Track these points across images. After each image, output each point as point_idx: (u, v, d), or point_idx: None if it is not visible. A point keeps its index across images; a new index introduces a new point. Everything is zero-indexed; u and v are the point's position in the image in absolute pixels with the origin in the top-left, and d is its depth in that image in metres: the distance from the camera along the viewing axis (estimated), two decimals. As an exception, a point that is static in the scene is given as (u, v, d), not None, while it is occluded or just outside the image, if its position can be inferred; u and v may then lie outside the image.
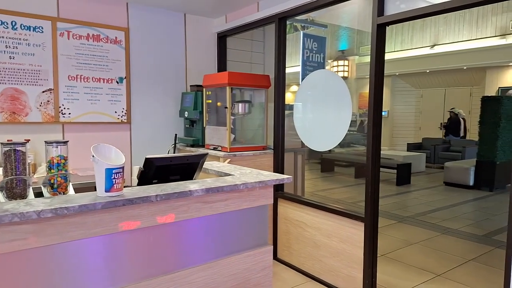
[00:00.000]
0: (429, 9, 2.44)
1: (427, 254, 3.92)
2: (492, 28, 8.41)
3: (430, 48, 9.77)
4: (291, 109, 3.51)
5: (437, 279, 3.33)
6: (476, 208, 6.00)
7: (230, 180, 2.07)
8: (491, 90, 9.85)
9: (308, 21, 4.49)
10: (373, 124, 2.75)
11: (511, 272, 2.09)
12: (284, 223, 3.53)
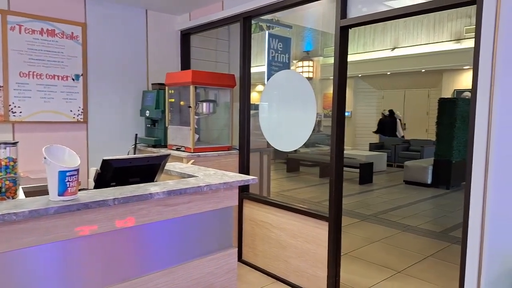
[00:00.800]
0: (389, 13, 2.50)
1: (388, 252, 4.03)
2: (448, 33, 8.82)
3: (390, 51, 10.10)
4: (256, 109, 3.49)
5: (397, 276, 3.42)
6: (434, 206, 6.26)
7: (193, 182, 2.01)
8: (447, 92, 10.34)
9: (274, 21, 4.49)
10: (336, 124, 2.78)
11: (465, 267, 2.16)
12: (250, 224, 3.49)
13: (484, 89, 2.06)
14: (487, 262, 2.09)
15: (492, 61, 2.04)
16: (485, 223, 2.08)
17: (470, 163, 2.11)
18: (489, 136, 2.05)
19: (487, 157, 2.06)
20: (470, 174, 2.12)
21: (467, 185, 2.14)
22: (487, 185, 2.06)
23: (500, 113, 2.02)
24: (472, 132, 2.11)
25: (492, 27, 2.04)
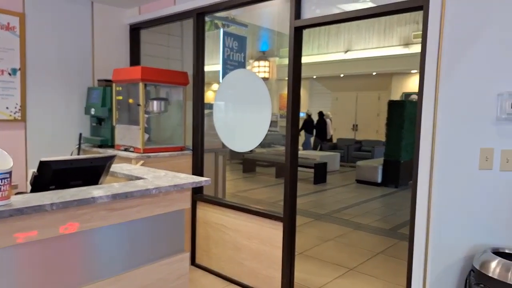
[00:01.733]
0: (341, 15, 2.54)
1: (341, 250, 4.12)
2: (397, 38, 9.25)
3: (344, 53, 10.40)
4: (212, 108, 3.41)
5: (350, 273, 3.50)
6: (384, 204, 6.51)
7: (141, 185, 1.91)
8: (396, 95, 10.85)
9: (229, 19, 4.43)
10: (291, 125, 2.78)
11: (413, 262, 2.24)
12: (203, 227, 3.41)
13: (430, 92, 2.15)
14: (432, 257, 2.17)
15: (437, 65, 2.13)
16: (431, 220, 2.16)
17: (417, 162, 2.19)
18: (433, 137, 2.14)
19: (432, 157, 2.14)
20: (417, 173, 2.20)
21: (414, 184, 2.22)
22: (432, 183, 2.14)
23: (443, 115, 2.11)
24: (419, 133, 2.19)
25: (437, 33, 2.12)
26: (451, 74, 2.10)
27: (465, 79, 2.09)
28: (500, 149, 2.10)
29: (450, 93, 2.11)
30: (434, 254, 2.16)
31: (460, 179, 2.13)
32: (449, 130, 2.12)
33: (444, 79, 2.11)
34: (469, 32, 2.09)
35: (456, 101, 2.11)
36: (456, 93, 2.10)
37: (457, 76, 2.10)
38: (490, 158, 2.11)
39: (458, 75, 2.10)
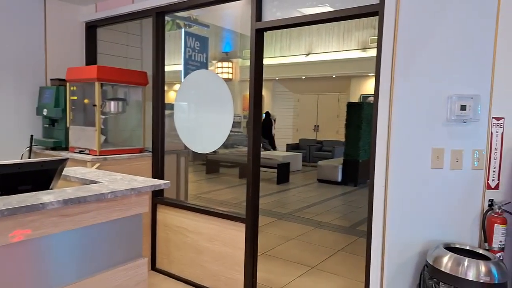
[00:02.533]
0: (301, 19, 2.59)
1: (303, 248, 4.18)
2: (356, 42, 9.54)
3: (305, 56, 10.59)
4: (172, 109, 3.34)
5: (312, 271, 3.56)
6: (344, 202, 6.69)
7: (95, 189, 1.83)
8: (355, 97, 11.19)
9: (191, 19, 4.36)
10: (253, 126, 2.78)
11: (371, 258, 2.31)
12: (164, 230, 3.33)
13: (385, 94, 2.22)
14: (389, 253, 2.25)
15: (391, 68, 2.21)
16: (387, 217, 2.24)
17: (373, 162, 2.26)
18: (389, 138, 2.22)
19: (387, 156, 2.22)
20: (373, 172, 2.27)
21: (371, 182, 2.29)
22: (388, 182, 2.22)
23: (398, 117, 2.20)
24: (375, 133, 2.26)
25: (391, 37, 2.20)
26: (404, 77, 2.19)
27: (418, 82, 2.19)
28: (450, 149, 2.21)
29: (404, 96, 2.20)
30: (390, 250, 2.25)
31: (413, 178, 2.22)
32: (403, 131, 2.21)
33: (398, 82, 2.19)
34: (421, 38, 2.19)
35: (410, 103, 2.20)
36: (409, 95, 2.20)
37: (410, 79, 2.19)
38: (441, 158, 2.22)
39: (411, 78, 2.19)
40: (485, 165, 2.25)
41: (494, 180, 2.27)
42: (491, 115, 2.22)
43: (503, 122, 2.24)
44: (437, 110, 2.19)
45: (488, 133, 2.23)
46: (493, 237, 2.17)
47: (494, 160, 2.26)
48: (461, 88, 2.17)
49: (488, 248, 2.19)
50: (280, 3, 2.71)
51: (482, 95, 2.18)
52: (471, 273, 1.88)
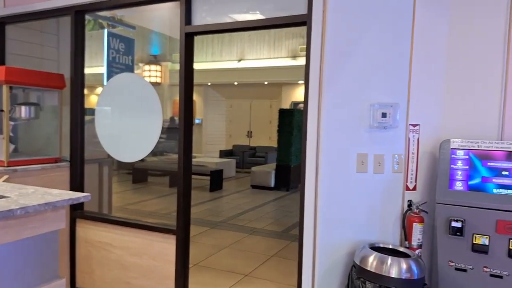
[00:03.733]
0: (231, 25, 2.57)
1: (236, 256, 4.13)
2: (286, 50, 9.84)
3: (237, 62, 10.66)
4: (94, 114, 3.09)
5: (245, 279, 3.52)
6: (277, 207, 6.79)
7: (2, 205, 1.60)
8: (286, 104, 11.51)
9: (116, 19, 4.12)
10: (183, 132, 2.67)
11: (302, 261, 2.33)
12: (85, 246, 3.06)
13: (314, 101, 2.27)
14: (320, 255, 2.30)
15: (319, 77, 2.27)
16: (317, 221, 2.29)
17: (304, 167, 2.30)
18: (318, 143, 2.27)
19: (317, 161, 2.27)
20: (304, 177, 2.30)
21: (302, 187, 2.32)
22: (318, 186, 2.27)
23: (326, 123, 2.26)
24: (305, 139, 2.30)
25: (319, 47, 2.27)
26: (332, 85, 2.26)
27: (344, 91, 2.28)
28: (373, 153, 2.33)
29: (331, 103, 2.27)
30: (321, 252, 2.29)
31: (341, 182, 2.30)
32: (331, 137, 2.28)
33: (326, 89, 2.26)
34: (347, 49, 2.28)
35: (337, 110, 2.28)
36: (336, 103, 2.27)
37: (337, 87, 2.27)
38: (365, 162, 2.32)
39: (338, 86, 2.27)
40: (404, 168, 2.41)
41: (412, 182, 2.44)
42: (409, 122, 2.39)
43: (419, 128, 2.42)
44: (361, 117, 2.30)
45: (406, 139, 2.40)
46: (412, 235, 2.32)
47: (412, 164, 2.43)
48: (383, 97, 2.31)
49: (408, 246, 2.33)
50: (210, 8, 2.66)
51: (400, 104, 2.34)
52: (393, 271, 1.98)
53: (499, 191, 2.07)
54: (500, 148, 2.15)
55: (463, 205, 2.11)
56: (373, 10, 2.27)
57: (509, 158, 2.11)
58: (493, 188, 2.08)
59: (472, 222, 2.08)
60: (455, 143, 2.26)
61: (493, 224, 2.03)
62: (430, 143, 2.42)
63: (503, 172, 2.10)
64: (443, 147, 2.27)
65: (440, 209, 2.17)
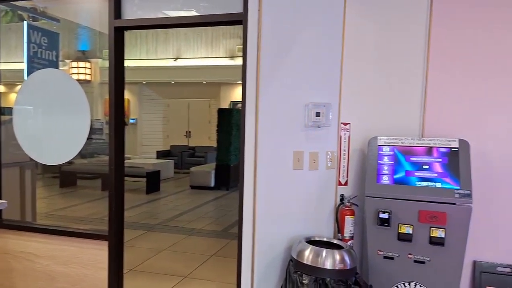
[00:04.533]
0: (164, 20, 2.49)
1: (175, 259, 4.03)
2: (224, 50, 9.81)
3: (173, 60, 10.42)
4: (11, 114, 2.81)
5: (184, 281, 3.44)
6: (216, 207, 6.75)
7: None
8: (225, 103, 11.50)
9: (38, 11, 3.79)
10: (114, 133, 2.54)
11: (242, 260, 2.34)
12: (4, 259, 2.77)
13: (251, 101, 2.28)
14: (259, 252, 2.32)
15: (256, 77, 2.28)
16: (256, 218, 2.30)
17: (242, 165, 2.30)
18: (256, 142, 2.29)
19: (255, 160, 2.29)
20: (243, 175, 2.30)
21: (240, 185, 2.32)
22: (256, 184, 2.28)
23: (263, 122, 2.28)
24: (243, 138, 2.30)
25: (255, 47, 2.28)
26: (268, 85, 2.29)
27: (280, 90, 2.32)
28: (309, 151, 2.41)
29: (268, 102, 2.30)
30: (260, 249, 2.32)
31: (279, 179, 2.34)
32: (269, 136, 2.31)
33: (262, 89, 2.28)
34: (282, 50, 2.32)
35: (274, 110, 2.31)
36: (273, 102, 2.31)
37: (273, 87, 2.31)
38: (301, 160, 2.39)
39: (274, 86, 2.31)
40: (336, 165, 2.52)
41: (344, 177, 2.56)
42: (340, 121, 2.50)
43: (349, 126, 2.55)
44: (297, 117, 2.36)
45: (338, 137, 2.51)
46: (345, 228, 2.44)
47: (344, 160, 2.55)
48: (316, 97, 2.39)
49: (341, 238, 2.44)
50: (142, 2, 2.55)
51: (332, 103, 2.44)
52: (328, 262, 2.06)
53: (421, 184, 2.24)
54: (421, 144, 2.34)
55: (389, 198, 2.26)
56: (306, 12, 2.34)
57: (429, 153, 2.30)
58: (416, 181, 2.25)
59: (397, 213, 2.23)
60: (381, 140, 2.41)
61: (415, 214, 2.20)
62: (360, 140, 2.56)
63: (424, 166, 2.28)
64: (371, 144, 2.41)
65: (369, 202, 2.29)
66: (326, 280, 2.02)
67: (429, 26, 2.41)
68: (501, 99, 2.34)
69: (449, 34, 2.38)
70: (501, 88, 2.34)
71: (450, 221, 2.14)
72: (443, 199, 2.15)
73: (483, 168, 2.33)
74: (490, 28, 2.32)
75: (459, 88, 2.41)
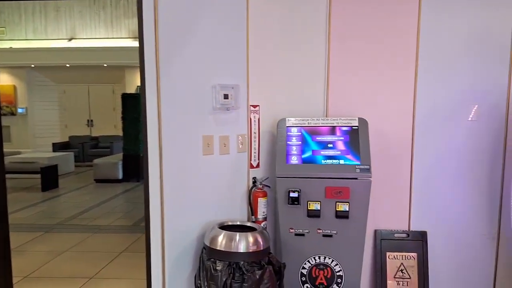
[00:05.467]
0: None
1: (78, 260, 3.67)
2: (126, 31, 9.15)
3: (67, 41, 9.44)
4: None
5: (90, 283, 3.17)
6: (126, 200, 6.36)
7: None
8: (131, 88, 10.78)
9: None
10: (-10, 122, 2.15)
11: (151, 253, 2.19)
12: None
13: (151, 85, 2.10)
14: (169, 243, 2.19)
15: (156, 59, 2.09)
16: (164, 208, 2.16)
17: (147, 154, 2.13)
18: (160, 129, 2.12)
19: (160, 147, 2.12)
20: (148, 164, 2.14)
21: (146, 175, 2.16)
22: (163, 172, 2.14)
23: (167, 107, 2.12)
24: (145, 126, 2.12)
25: (152, 26, 2.08)
26: (169, 68, 2.13)
27: (184, 73, 2.18)
28: (219, 135, 2.33)
29: (171, 86, 2.14)
30: (170, 240, 2.19)
31: (188, 166, 2.23)
32: (174, 121, 2.16)
33: (163, 72, 2.11)
34: (184, 29, 2.18)
35: (178, 93, 2.17)
36: (176, 84, 2.16)
37: (176, 69, 2.15)
38: (211, 144, 2.31)
39: (177, 68, 2.15)
40: (248, 148, 2.49)
41: (255, 160, 2.56)
42: (249, 103, 2.48)
43: (258, 109, 2.53)
44: (204, 99, 2.26)
45: (248, 119, 2.48)
46: (258, 210, 2.44)
47: (254, 143, 2.54)
48: (224, 79, 2.31)
49: (254, 220, 2.45)
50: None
51: (240, 85, 2.39)
52: (242, 246, 2.03)
53: (326, 162, 2.33)
54: (325, 124, 2.43)
55: (298, 177, 2.31)
56: (210, -11, 2.23)
57: (332, 132, 2.41)
58: (322, 159, 2.34)
59: (306, 191, 2.30)
60: (289, 121, 2.45)
61: (322, 191, 2.29)
62: (269, 122, 2.57)
63: (329, 145, 2.38)
64: (279, 126, 2.44)
65: (280, 182, 2.32)
66: (240, 263, 1.99)
67: (329, 7, 2.49)
68: (390, 80, 2.54)
69: (346, 19, 2.50)
70: (391, 69, 2.54)
71: (352, 195, 2.27)
72: (346, 174, 2.28)
73: (380, 143, 2.52)
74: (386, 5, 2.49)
75: (358, 70, 2.56)
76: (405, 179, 2.56)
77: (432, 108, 2.51)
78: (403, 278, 2.57)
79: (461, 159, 2.53)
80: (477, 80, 2.47)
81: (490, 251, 2.55)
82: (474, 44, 2.45)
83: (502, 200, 2.50)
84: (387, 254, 2.59)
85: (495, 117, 2.48)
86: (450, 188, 2.55)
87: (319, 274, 2.40)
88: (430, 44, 2.47)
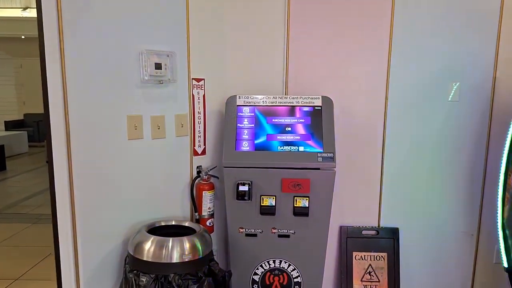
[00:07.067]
0: None
1: (6, 256, 3.20)
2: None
3: (22, 10, 8.66)
4: None
5: (14, 285, 2.71)
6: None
7: None
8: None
9: None
10: None
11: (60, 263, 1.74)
12: None
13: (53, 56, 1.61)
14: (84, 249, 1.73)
15: (58, 21, 1.60)
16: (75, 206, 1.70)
17: (49, 139, 1.66)
18: (66, 108, 1.64)
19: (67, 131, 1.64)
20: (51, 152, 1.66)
21: (50, 165, 1.69)
22: (72, 161, 1.67)
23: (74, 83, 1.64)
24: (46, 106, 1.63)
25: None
26: (77, 28, 1.64)
27: (98, 37, 1.68)
28: (150, 115, 1.88)
29: (81, 54, 1.65)
30: (85, 244, 1.73)
31: (108, 154, 1.77)
32: (86, 98, 1.68)
33: (68, 36, 1.62)
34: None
35: (90, 64, 1.68)
36: (88, 53, 1.67)
37: (86, 30, 1.66)
38: (140, 126, 1.86)
39: (88, 28, 1.66)
40: (190, 131, 2.06)
41: (200, 145, 2.14)
42: (191, 76, 2.03)
43: (203, 83, 2.10)
44: (128, 70, 1.78)
45: (190, 96, 2.04)
46: (202, 205, 2.05)
47: (199, 125, 2.11)
48: (155, 44, 1.84)
49: (198, 218, 2.05)
50: None
51: (178, 53, 1.93)
52: (175, 254, 1.63)
53: (283, 149, 1.94)
54: (283, 103, 2.02)
55: (249, 167, 1.92)
56: None
57: (291, 113, 2.00)
58: (278, 146, 1.95)
59: (259, 183, 1.92)
60: (240, 99, 2.03)
61: (278, 183, 1.91)
62: (218, 100, 2.15)
63: (287, 128, 1.99)
64: (229, 104, 2.02)
65: (227, 173, 1.93)
66: (170, 277, 1.59)
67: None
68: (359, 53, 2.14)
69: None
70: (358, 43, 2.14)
71: (313, 189, 1.90)
72: (306, 164, 1.89)
73: (347, 128, 2.14)
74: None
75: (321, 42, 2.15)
76: (375, 168, 2.21)
77: (407, 86, 2.14)
78: (371, 282, 2.26)
79: (438, 146, 2.18)
80: (459, 55, 2.10)
81: (469, 249, 2.26)
82: (457, 11, 2.08)
83: (484, 191, 2.18)
84: (353, 254, 2.27)
85: (478, 98, 2.13)
86: (425, 179, 2.22)
87: (273, 280, 2.05)
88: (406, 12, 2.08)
